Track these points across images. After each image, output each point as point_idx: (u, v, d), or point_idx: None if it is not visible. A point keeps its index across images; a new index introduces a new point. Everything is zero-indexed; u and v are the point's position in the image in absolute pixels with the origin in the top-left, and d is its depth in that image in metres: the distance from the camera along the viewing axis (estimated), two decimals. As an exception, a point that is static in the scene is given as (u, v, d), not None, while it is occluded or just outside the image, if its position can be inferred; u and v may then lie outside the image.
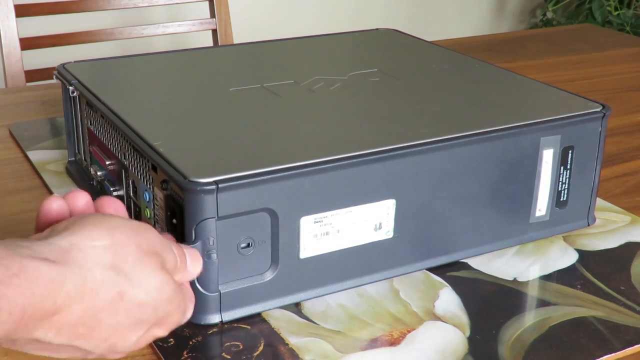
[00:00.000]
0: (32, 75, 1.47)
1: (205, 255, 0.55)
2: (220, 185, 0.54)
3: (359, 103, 0.73)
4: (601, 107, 0.71)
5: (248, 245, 0.57)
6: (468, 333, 0.59)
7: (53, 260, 0.43)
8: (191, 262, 0.53)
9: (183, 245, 0.54)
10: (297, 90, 0.74)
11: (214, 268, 0.56)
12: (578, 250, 0.71)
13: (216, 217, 0.55)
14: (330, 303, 0.62)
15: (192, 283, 0.55)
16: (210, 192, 0.54)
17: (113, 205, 0.53)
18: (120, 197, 0.70)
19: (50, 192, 0.79)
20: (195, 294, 0.55)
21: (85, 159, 0.79)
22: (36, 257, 0.42)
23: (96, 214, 0.48)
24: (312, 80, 0.76)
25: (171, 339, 0.57)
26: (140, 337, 0.48)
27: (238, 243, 0.57)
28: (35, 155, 0.87)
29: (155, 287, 0.47)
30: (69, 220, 0.47)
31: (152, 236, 0.49)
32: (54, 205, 0.51)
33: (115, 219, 0.48)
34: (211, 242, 0.55)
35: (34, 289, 0.41)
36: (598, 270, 0.68)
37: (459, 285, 0.65)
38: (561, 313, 0.62)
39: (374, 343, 0.57)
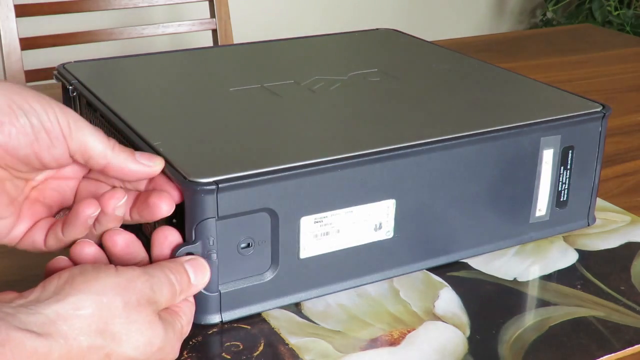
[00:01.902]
0: (32, 75, 1.47)
1: (206, 256, 0.55)
2: (220, 185, 0.54)
3: (359, 103, 0.73)
4: (601, 107, 0.71)
5: (248, 245, 0.57)
6: (468, 333, 0.59)
7: (38, 332, 0.44)
8: (195, 276, 0.53)
9: (184, 259, 0.54)
10: (297, 90, 0.74)
11: (214, 268, 0.56)
12: (578, 250, 0.71)
13: (216, 217, 0.55)
14: (330, 303, 0.62)
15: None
16: (210, 192, 0.54)
17: (122, 237, 0.54)
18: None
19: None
20: (195, 295, 0.55)
21: (85, 159, 0.79)
22: (21, 329, 0.43)
23: (85, 272, 0.48)
24: (312, 80, 0.76)
25: (171, 339, 0.57)
26: None
27: (238, 243, 0.57)
28: (35, 155, 0.87)
29: (144, 343, 0.48)
30: (60, 280, 0.47)
31: (141, 286, 0.49)
32: (60, 266, 0.53)
33: (103, 280, 0.48)
34: (211, 242, 0.55)
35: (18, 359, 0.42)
36: (598, 270, 0.68)
37: (459, 285, 0.65)
38: (561, 313, 0.62)
39: (374, 343, 0.58)
